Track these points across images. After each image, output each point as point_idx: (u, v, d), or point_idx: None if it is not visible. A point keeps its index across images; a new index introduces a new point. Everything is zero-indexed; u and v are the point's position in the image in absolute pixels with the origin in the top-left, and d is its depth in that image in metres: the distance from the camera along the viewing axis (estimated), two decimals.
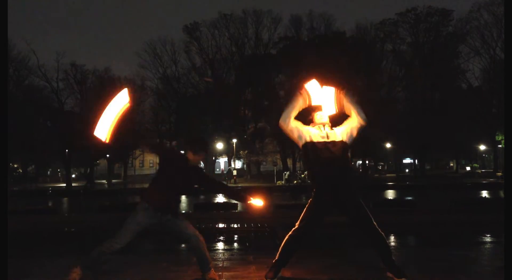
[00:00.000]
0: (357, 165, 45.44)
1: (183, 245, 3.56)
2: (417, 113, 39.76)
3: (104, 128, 3.48)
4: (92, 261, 3.38)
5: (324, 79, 3.83)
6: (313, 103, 3.73)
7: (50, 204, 17.87)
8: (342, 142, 3.55)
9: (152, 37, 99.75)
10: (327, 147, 3.50)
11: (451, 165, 56.35)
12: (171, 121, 47.39)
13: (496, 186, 24.70)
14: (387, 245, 3.50)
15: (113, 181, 41.45)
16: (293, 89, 3.85)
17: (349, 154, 3.68)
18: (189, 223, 3.59)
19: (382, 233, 3.48)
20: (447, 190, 23.05)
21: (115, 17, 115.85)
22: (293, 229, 3.59)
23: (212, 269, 3.63)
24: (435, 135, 39.34)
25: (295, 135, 3.62)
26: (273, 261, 3.60)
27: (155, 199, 3.45)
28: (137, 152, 52.82)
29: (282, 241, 3.62)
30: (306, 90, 3.71)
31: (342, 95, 3.73)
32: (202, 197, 22.71)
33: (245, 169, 45.87)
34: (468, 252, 5.04)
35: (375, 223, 3.48)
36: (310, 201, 3.62)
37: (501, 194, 18.28)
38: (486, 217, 8.21)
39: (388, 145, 42.50)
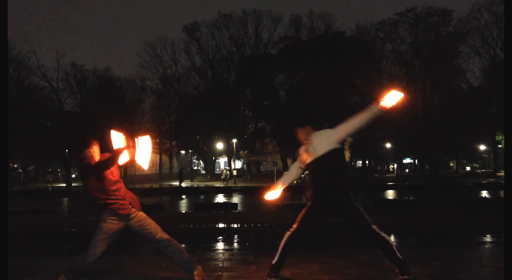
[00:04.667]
0: (392, 167, 45.43)
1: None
2: (417, 114, 39.77)
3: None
4: (74, 273, 3.36)
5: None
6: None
7: (50, 204, 17.87)
8: (332, 151, 3.54)
9: (152, 37, 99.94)
10: (318, 164, 3.55)
11: (451, 165, 56.38)
12: (171, 121, 47.41)
13: (496, 185, 24.69)
14: (390, 245, 3.48)
15: None
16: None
17: (343, 159, 3.74)
18: (157, 226, 3.49)
19: (384, 235, 3.47)
20: (447, 190, 23.06)
21: (115, 17, 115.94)
22: (291, 229, 3.62)
23: (199, 266, 3.52)
24: (435, 135, 39.37)
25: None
26: (273, 261, 3.61)
27: (116, 203, 3.39)
28: None
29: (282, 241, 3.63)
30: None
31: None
32: (202, 197, 22.73)
33: (245, 169, 45.88)
34: (468, 252, 5.03)
35: (373, 226, 3.48)
36: (308, 206, 3.65)
37: (501, 194, 18.28)
38: (486, 217, 8.21)
39: (388, 145, 42.51)
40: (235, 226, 8.12)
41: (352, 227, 3.59)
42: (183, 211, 14.93)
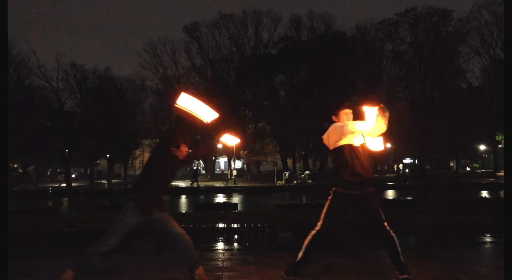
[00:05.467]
0: (397, 167, 45.31)
1: None
2: (417, 113, 39.76)
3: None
4: (82, 264, 3.37)
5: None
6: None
7: (50, 204, 17.89)
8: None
9: (152, 37, 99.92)
10: (359, 150, 3.63)
11: (451, 165, 56.38)
12: (171, 121, 47.37)
13: (496, 186, 24.68)
14: (396, 246, 3.57)
15: (113, 181, 41.47)
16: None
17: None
18: (175, 222, 3.56)
19: (393, 234, 3.57)
20: (447, 190, 23.06)
21: (115, 17, 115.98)
22: (315, 227, 3.64)
23: (201, 267, 3.56)
24: (435, 135, 39.35)
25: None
26: (296, 260, 3.66)
27: (143, 199, 3.43)
28: (137, 152, 52.85)
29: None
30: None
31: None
32: (202, 197, 22.73)
33: (245, 169, 45.86)
34: (468, 252, 5.04)
35: (386, 224, 3.58)
36: (331, 200, 3.67)
37: (501, 194, 18.28)
38: (486, 217, 8.20)
39: (388, 145, 42.49)
40: (235, 226, 8.11)
41: (367, 220, 3.66)
42: (183, 211, 14.93)
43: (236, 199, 19.97)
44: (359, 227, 3.82)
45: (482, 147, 45.67)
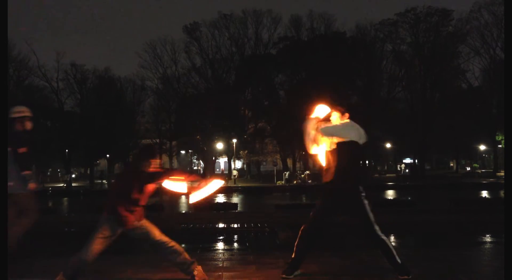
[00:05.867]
0: (400, 167, 45.05)
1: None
2: (417, 113, 39.78)
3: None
4: (72, 271, 3.39)
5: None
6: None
7: (50, 204, 17.88)
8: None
9: (152, 37, 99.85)
10: (329, 155, 3.68)
11: (451, 165, 56.40)
12: (171, 121, 47.41)
13: (496, 185, 24.68)
14: (390, 248, 3.55)
15: (113, 181, 41.47)
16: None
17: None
18: (156, 229, 3.54)
19: (384, 237, 3.56)
20: (447, 190, 23.05)
21: (115, 17, 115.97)
22: (304, 226, 3.68)
23: (199, 267, 3.55)
24: (435, 135, 39.39)
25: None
26: (290, 259, 3.73)
27: (119, 213, 3.41)
28: None
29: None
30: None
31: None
32: None
33: (245, 169, 45.89)
34: (468, 252, 5.03)
35: (376, 227, 3.55)
36: (322, 199, 3.73)
37: (501, 194, 18.29)
38: (486, 217, 8.19)
39: (388, 145, 42.50)
40: (235, 226, 8.11)
41: (357, 222, 3.68)
42: (183, 211, 14.93)
43: (236, 199, 19.97)
44: (358, 226, 3.81)
45: (482, 147, 45.70)
